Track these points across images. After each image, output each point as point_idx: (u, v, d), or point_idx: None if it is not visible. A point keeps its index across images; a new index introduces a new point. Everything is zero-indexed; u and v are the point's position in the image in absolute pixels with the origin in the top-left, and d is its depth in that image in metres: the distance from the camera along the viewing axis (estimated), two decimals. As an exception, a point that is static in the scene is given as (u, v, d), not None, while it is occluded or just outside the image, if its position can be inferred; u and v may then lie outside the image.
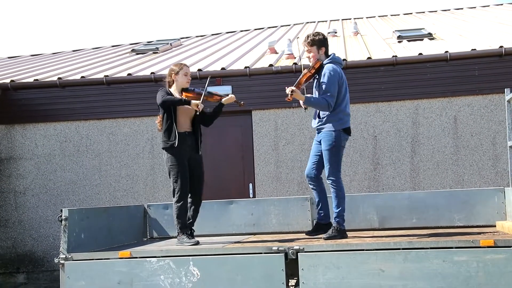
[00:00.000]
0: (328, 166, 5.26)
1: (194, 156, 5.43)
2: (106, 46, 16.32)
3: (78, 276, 4.59)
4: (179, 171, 5.26)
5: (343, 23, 16.05)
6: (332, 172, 5.25)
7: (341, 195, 5.26)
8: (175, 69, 5.50)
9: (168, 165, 5.34)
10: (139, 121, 9.68)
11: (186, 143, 5.33)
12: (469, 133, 9.02)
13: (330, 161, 5.25)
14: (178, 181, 5.27)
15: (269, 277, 4.26)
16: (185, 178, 5.29)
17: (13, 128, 9.89)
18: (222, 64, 10.28)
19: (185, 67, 5.52)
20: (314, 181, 5.47)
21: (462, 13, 16.26)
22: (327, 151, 5.26)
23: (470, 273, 3.95)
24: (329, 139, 5.25)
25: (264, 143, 9.41)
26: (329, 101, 5.19)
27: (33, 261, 9.61)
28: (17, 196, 9.76)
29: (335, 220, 5.21)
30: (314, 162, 5.46)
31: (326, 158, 5.27)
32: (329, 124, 5.27)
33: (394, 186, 9.06)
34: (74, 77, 10.12)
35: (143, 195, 9.53)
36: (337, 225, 5.18)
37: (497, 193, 5.78)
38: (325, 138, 5.28)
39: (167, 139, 5.31)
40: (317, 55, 5.40)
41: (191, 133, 5.42)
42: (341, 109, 5.30)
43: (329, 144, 5.25)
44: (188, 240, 5.18)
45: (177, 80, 5.47)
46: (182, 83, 5.47)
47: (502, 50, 8.94)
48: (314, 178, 5.46)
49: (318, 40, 5.40)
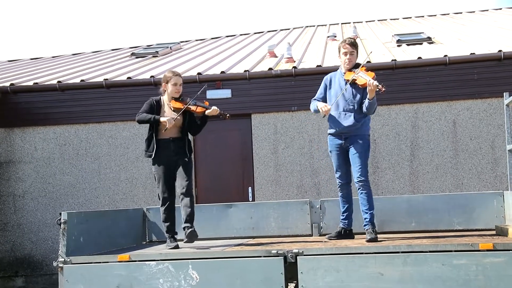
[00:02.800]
0: (362, 168, 5.29)
1: (180, 160, 5.45)
2: (106, 50, 16.34)
3: (77, 279, 4.58)
4: (160, 177, 5.42)
5: (342, 27, 16.08)
6: (366, 173, 5.31)
7: (371, 195, 5.37)
8: (166, 77, 5.59)
9: (153, 172, 5.51)
10: (139, 124, 9.64)
11: (169, 149, 5.41)
12: (468, 137, 9.02)
13: (365, 163, 5.33)
14: (160, 186, 5.43)
15: (268, 281, 4.25)
16: (167, 182, 5.42)
17: (13, 131, 9.88)
18: (221, 67, 10.29)
19: (175, 77, 5.54)
20: (345, 188, 5.50)
21: (461, 17, 16.28)
22: (363, 154, 5.33)
23: (469, 276, 3.95)
24: (365, 142, 5.37)
25: (264, 147, 9.41)
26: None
27: (32, 265, 9.60)
28: (16, 199, 9.76)
29: (371, 221, 5.24)
30: (346, 171, 5.48)
31: (360, 160, 5.31)
32: (365, 128, 5.41)
33: (393, 190, 9.06)
34: (74, 81, 10.13)
35: (142, 199, 9.52)
36: (372, 227, 5.20)
37: (496, 196, 5.78)
38: (362, 142, 5.35)
39: (147, 148, 5.49)
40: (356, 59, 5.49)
41: (176, 139, 5.46)
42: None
43: (365, 147, 5.36)
44: (169, 243, 5.34)
45: (167, 89, 5.57)
46: (172, 93, 5.54)
47: (501, 54, 8.96)
48: (346, 186, 5.50)
49: (356, 43, 5.53)
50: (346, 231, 5.47)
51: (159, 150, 5.39)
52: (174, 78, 5.53)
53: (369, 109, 5.32)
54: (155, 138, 5.42)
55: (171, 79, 5.51)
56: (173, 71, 5.67)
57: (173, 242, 5.33)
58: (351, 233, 5.48)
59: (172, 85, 5.51)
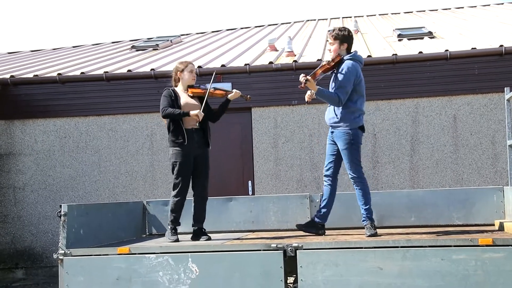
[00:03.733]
0: (349, 164, 5.23)
1: (202, 152, 5.45)
2: (106, 43, 16.31)
3: (77, 272, 4.59)
4: (182, 168, 5.32)
5: (343, 21, 16.05)
6: (355, 170, 5.24)
7: (367, 191, 5.27)
8: (180, 67, 5.51)
9: (172, 161, 5.38)
10: (139, 117, 9.67)
11: (193, 140, 5.37)
12: (468, 132, 9.02)
13: (352, 159, 5.23)
14: (180, 178, 5.33)
15: (267, 274, 4.26)
16: (187, 175, 5.36)
17: (13, 123, 9.88)
18: (222, 61, 10.27)
19: (190, 64, 5.54)
20: (329, 179, 5.43)
21: (463, 12, 16.25)
22: (346, 150, 5.23)
23: (468, 271, 3.96)
24: (346, 138, 5.22)
25: (264, 141, 9.41)
26: (340, 97, 5.16)
27: (32, 257, 9.62)
28: (16, 191, 9.76)
29: (368, 217, 5.19)
30: (331, 161, 5.42)
31: (346, 157, 5.24)
32: (346, 122, 5.23)
33: (393, 185, 9.06)
34: (74, 73, 10.11)
35: (142, 192, 9.53)
36: (370, 222, 5.16)
37: (496, 192, 5.78)
38: (342, 137, 5.24)
39: (175, 138, 5.35)
40: (338, 50, 5.36)
41: (198, 130, 5.44)
42: (357, 108, 5.28)
43: (346, 143, 5.22)
44: (170, 236, 5.33)
45: (183, 77, 5.50)
46: (188, 80, 5.49)
47: (502, 49, 8.94)
48: (330, 177, 5.43)
49: (342, 35, 5.37)
50: (318, 224, 5.42)
51: (187, 139, 5.32)
52: (189, 65, 5.51)
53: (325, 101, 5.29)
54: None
55: (187, 67, 5.48)
56: (186, 61, 5.63)
57: (174, 235, 5.31)
58: (321, 228, 5.41)
59: (188, 72, 5.47)
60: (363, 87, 5.36)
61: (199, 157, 5.45)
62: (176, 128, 5.35)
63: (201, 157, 5.46)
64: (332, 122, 5.34)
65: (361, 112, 5.32)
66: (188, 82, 5.49)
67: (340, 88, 5.19)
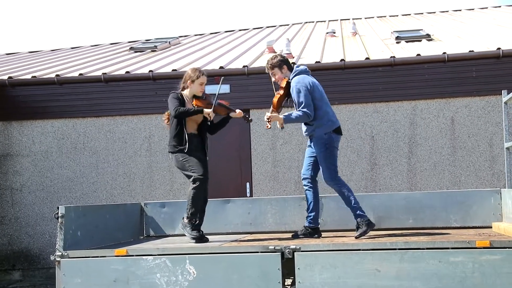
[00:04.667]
0: (324, 170, 5.29)
1: (201, 155, 5.44)
2: (105, 44, 16.30)
3: (74, 273, 4.58)
4: (195, 161, 5.26)
5: (341, 23, 16.06)
6: (330, 174, 5.27)
7: (347, 190, 5.27)
8: (192, 76, 5.41)
9: (180, 160, 5.30)
10: (137, 119, 9.67)
11: (192, 144, 5.36)
12: (466, 134, 9.03)
13: (326, 163, 5.28)
14: (196, 168, 5.23)
15: (265, 276, 4.26)
16: (204, 166, 5.29)
17: (10, 124, 9.87)
18: (220, 63, 10.28)
19: (202, 76, 5.43)
20: (309, 182, 5.50)
21: (461, 14, 16.28)
22: (321, 154, 5.30)
23: (465, 273, 3.96)
24: (320, 142, 5.30)
25: (262, 142, 9.41)
26: (307, 112, 5.25)
27: (29, 258, 9.60)
28: (14, 193, 9.75)
29: (357, 215, 5.20)
30: (309, 164, 5.51)
31: (321, 162, 5.31)
32: (318, 129, 5.33)
33: (391, 187, 9.07)
34: (72, 75, 10.11)
35: (140, 193, 9.52)
36: (361, 220, 5.17)
37: (494, 194, 5.78)
38: (317, 142, 5.33)
39: (177, 143, 5.32)
40: (281, 75, 5.48)
41: (197, 135, 5.45)
42: (324, 112, 5.33)
43: (321, 148, 5.30)
44: (190, 231, 5.20)
45: (192, 87, 5.43)
46: (196, 91, 5.44)
47: (500, 52, 8.96)
48: (309, 179, 5.50)
49: (276, 62, 5.49)
50: (308, 229, 5.44)
51: (188, 144, 5.29)
52: (201, 77, 5.40)
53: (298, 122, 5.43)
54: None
55: (198, 79, 5.39)
56: (200, 70, 5.50)
57: (196, 232, 5.20)
58: (316, 231, 5.44)
59: (199, 84, 5.40)
60: (320, 91, 5.41)
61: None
62: (179, 133, 5.31)
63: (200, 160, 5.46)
64: (308, 132, 5.45)
65: (329, 115, 5.36)
66: (195, 93, 5.44)
67: (301, 104, 5.27)
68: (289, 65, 5.53)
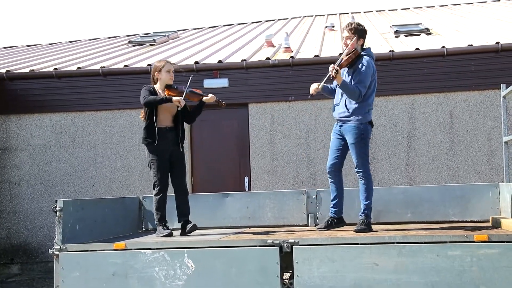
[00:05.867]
0: (357, 158, 5.23)
1: (175, 151, 5.50)
2: (103, 38, 16.26)
3: (73, 267, 4.58)
4: (158, 165, 5.39)
5: (340, 17, 16.03)
6: (362, 164, 5.23)
7: (371, 187, 5.28)
8: (158, 66, 5.54)
9: (149, 160, 5.46)
10: (135, 112, 9.64)
11: (167, 138, 5.43)
12: (464, 129, 9.03)
13: (360, 153, 5.24)
14: (158, 175, 5.39)
15: (263, 270, 4.26)
16: (164, 171, 5.41)
17: (9, 118, 9.85)
18: (219, 56, 10.26)
19: (168, 64, 5.55)
20: (335, 175, 5.42)
21: (460, 8, 16.26)
22: (356, 144, 5.24)
23: (464, 267, 3.97)
24: (356, 132, 5.24)
25: (260, 137, 9.40)
26: (361, 91, 5.20)
27: (28, 252, 9.61)
28: (12, 186, 9.74)
29: (364, 213, 5.19)
30: (336, 156, 5.41)
31: (355, 151, 5.24)
32: (357, 116, 5.26)
33: (390, 181, 9.08)
34: (71, 68, 10.09)
35: (139, 187, 9.52)
36: (365, 218, 5.16)
37: (492, 188, 5.79)
38: (353, 131, 5.26)
39: (146, 136, 5.42)
40: (355, 44, 5.32)
41: (172, 128, 5.50)
42: (368, 103, 5.34)
43: (357, 137, 5.24)
44: (163, 230, 5.32)
45: (160, 77, 5.52)
46: (166, 80, 5.51)
47: (499, 46, 8.95)
48: (336, 172, 5.42)
49: (360, 30, 5.33)
50: (334, 219, 5.41)
51: (158, 139, 5.37)
52: (167, 65, 5.52)
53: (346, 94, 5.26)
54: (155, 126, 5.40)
55: (164, 66, 5.50)
56: (164, 59, 5.64)
57: (166, 230, 5.33)
58: (340, 221, 5.42)
59: (166, 72, 5.49)
60: (375, 84, 5.41)
61: (174, 155, 5.49)
62: (149, 126, 5.40)
63: (175, 155, 5.50)
64: (342, 116, 5.33)
65: (370, 107, 5.38)
66: (165, 82, 5.51)
67: (361, 83, 5.21)
68: (364, 42, 5.43)
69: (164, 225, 5.41)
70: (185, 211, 5.53)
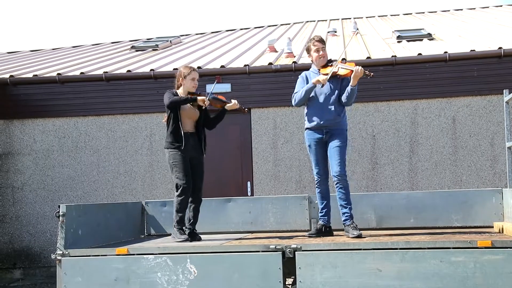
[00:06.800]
0: (341, 162, 5.27)
1: (197, 156, 5.51)
2: (106, 43, 16.30)
3: (75, 272, 4.59)
4: (182, 167, 5.35)
5: (342, 23, 16.05)
6: (343, 167, 5.27)
7: (349, 190, 5.33)
8: (184, 72, 5.53)
9: (171, 162, 5.42)
10: (138, 117, 9.67)
11: (189, 143, 5.43)
12: (467, 134, 9.02)
13: (344, 157, 5.32)
14: (181, 176, 5.34)
15: (266, 276, 4.26)
16: (188, 173, 5.38)
17: (12, 123, 9.87)
18: (221, 62, 10.27)
19: (193, 72, 5.55)
20: (324, 184, 5.46)
21: (462, 14, 16.26)
22: (343, 148, 5.32)
23: (467, 273, 3.96)
24: (344, 136, 5.39)
25: (263, 141, 9.41)
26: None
27: (30, 257, 9.61)
28: (15, 191, 9.75)
29: (352, 216, 5.21)
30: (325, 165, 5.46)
31: (340, 155, 5.28)
32: (344, 122, 5.43)
33: (392, 186, 9.06)
34: (74, 73, 10.11)
35: (141, 192, 9.52)
36: (353, 221, 5.18)
37: (495, 194, 5.78)
38: (342, 135, 5.37)
39: (173, 140, 5.41)
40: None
41: (194, 134, 5.51)
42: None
43: (344, 141, 5.36)
44: (179, 235, 5.31)
45: (184, 84, 5.53)
46: (189, 87, 5.53)
47: (501, 51, 8.95)
48: (325, 181, 5.48)
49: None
50: (326, 228, 5.42)
51: (184, 143, 5.38)
52: (192, 73, 5.52)
53: (349, 97, 5.30)
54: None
55: (189, 74, 5.50)
56: (190, 66, 5.65)
57: (183, 235, 5.31)
58: (330, 230, 5.45)
59: (190, 80, 5.50)
60: None
61: (195, 160, 5.50)
62: (175, 130, 5.40)
63: (196, 160, 5.51)
64: (333, 122, 5.37)
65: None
66: (188, 89, 5.53)
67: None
68: None
69: (181, 229, 5.37)
70: (191, 218, 5.50)
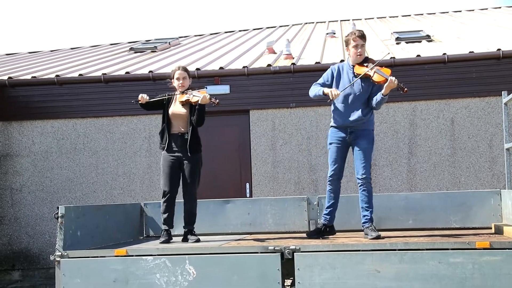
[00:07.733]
0: (366, 164, 5.22)
1: (186, 156, 5.49)
2: (104, 44, 16.30)
3: (74, 273, 4.58)
4: (166, 171, 5.49)
5: (341, 24, 16.06)
6: (368, 170, 5.23)
7: (372, 193, 5.31)
8: (171, 73, 5.66)
9: (160, 164, 5.60)
10: (137, 119, 9.67)
11: (176, 144, 5.49)
12: (466, 135, 9.03)
13: (369, 159, 5.27)
14: (163, 180, 5.51)
15: (265, 277, 4.26)
16: (168, 176, 5.47)
17: (10, 124, 9.86)
18: (220, 63, 10.28)
19: (177, 71, 5.59)
20: (336, 184, 5.42)
21: (461, 15, 16.28)
22: (368, 150, 5.27)
23: (465, 274, 3.96)
24: (371, 137, 5.34)
25: (262, 143, 9.41)
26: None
27: (29, 258, 9.60)
28: (13, 193, 9.74)
29: (372, 220, 5.18)
30: (341, 165, 5.41)
31: (366, 157, 5.22)
32: (371, 122, 5.38)
33: (391, 187, 9.07)
34: (72, 75, 10.11)
35: (140, 194, 9.52)
36: (372, 224, 5.15)
37: (494, 195, 5.79)
38: (368, 136, 5.31)
39: (160, 141, 5.61)
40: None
41: (183, 134, 5.52)
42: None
43: (370, 142, 5.31)
44: (161, 237, 5.42)
45: (173, 84, 5.63)
46: (176, 86, 5.60)
47: (500, 53, 8.96)
48: (337, 181, 5.42)
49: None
50: (327, 227, 5.40)
51: (167, 144, 5.48)
52: (176, 72, 5.58)
53: (378, 104, 5.26)
54: (168, 131, 5.51)
55: (174, 74, 5.59)
56: (178, 66, 5.69)
57: (163, 237, 5.38)
58: (332, 229, 5.43)
59: (176, 79, 5.58)
60: None
61: (184, 161, 5.50)
62: (161, 131, 5.57)
63: (185, 161, 5.50)
64: (360, 122, 5.30)
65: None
66: (177, 89, 5.57)
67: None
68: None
69: (164, 231, 5.44)
70: (187, 219, 5.52)
